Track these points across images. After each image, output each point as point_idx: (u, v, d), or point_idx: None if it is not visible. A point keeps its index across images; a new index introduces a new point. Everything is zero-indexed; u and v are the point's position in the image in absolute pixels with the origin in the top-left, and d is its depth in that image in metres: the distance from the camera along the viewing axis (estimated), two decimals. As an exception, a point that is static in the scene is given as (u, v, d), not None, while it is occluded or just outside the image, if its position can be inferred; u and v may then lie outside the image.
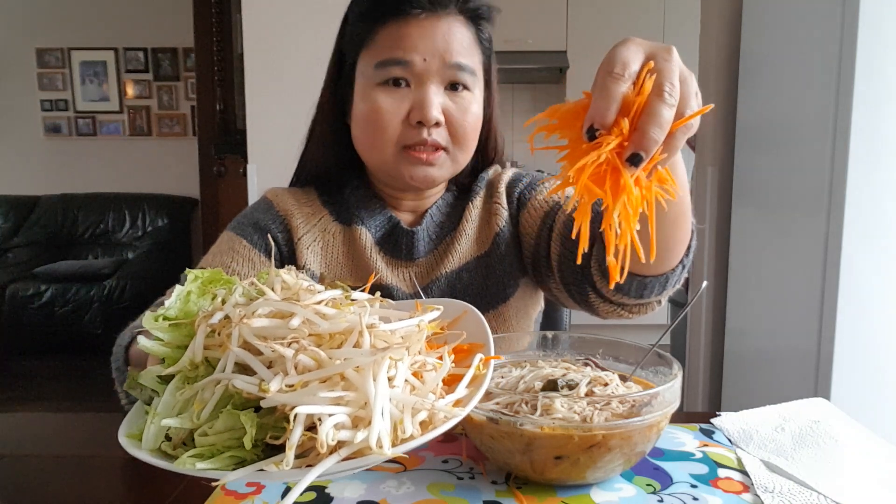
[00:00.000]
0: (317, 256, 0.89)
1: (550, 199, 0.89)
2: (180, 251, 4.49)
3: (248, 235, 0.88)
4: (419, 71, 0.80)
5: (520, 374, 0.63)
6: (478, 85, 0.86)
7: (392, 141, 0.82)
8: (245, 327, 0.43)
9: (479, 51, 0.86)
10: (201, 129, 4.28)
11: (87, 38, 4.59)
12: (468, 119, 0.83)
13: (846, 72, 1.56)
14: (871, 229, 1.58)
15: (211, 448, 0.41)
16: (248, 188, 2.20)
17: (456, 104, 0.82)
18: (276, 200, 0.93)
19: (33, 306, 3.80)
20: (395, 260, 0.91)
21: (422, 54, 0.80)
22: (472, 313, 0.57)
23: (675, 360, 0.62)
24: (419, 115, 0.80)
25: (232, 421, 0.41)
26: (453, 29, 0.82)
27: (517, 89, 4.64)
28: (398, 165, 0.83)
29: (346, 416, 0.40)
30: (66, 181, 4.61)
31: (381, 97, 0.81)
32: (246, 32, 2.13)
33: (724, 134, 2.22)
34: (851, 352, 1.60)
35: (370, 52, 0.83)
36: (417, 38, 0.80)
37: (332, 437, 0.39)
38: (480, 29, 0.86)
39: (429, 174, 0.84)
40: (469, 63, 0.83)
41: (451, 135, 0.83)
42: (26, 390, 3.40)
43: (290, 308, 0.45)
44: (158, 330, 0.47)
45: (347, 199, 0.93)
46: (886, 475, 0.58)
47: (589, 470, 0.55)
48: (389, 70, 0.80)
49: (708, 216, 2.26)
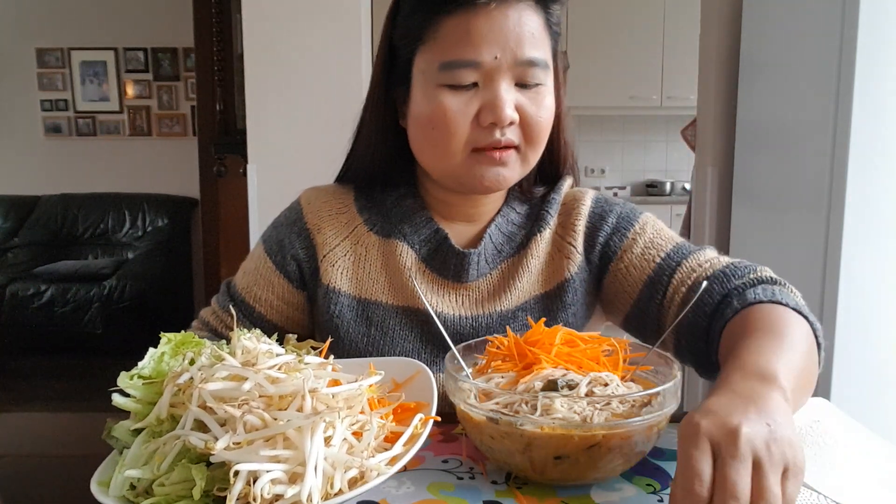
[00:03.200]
0: (346, 272, 0.84)
1: (652, 257, 0.80)
2: (180, 251, 4.49)
3: (273, 255, 0.86)
4: (489, 69, 0.72)
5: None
6: (550, 75, 0.77)
7: (461, 144, 0.74)
8: (203, 389, 0.49)
9: (549, 36, 0.77)
10: (201, 129, 4.28)
11: (87, 38, 4.59)
12: (543, 114, 0.75)
13: (846, 72, 1.56)
14: (871, 229, 1.58)
15: (167, 497, 0.46)
16: (248, 188, 2.20)
17: (530, 99, 0.74)
18: (307, 210, 0.87)
19: (33, 306, 3.80)
20: (441, 280, 0.83)
21: (492, 51, 0.71)
22: (425, 372, 0.62)
23: (675, 360, 0.62)
24: (492, 117, 0.72)
25: (185, 473, 0.46)
26: (524, 18, 0.73)
27: (517, 89, 4.65)
28: (469, 168, 0.76)
29: (282, 473, 0.45)
30: (66, 181, 4.61)
31: (448, 98, 0.73)
32: (246, 32, 2.13)
33: (724, 134, 2.22)
34: (851, 352, 1.60)
35: (432, 48, 0.74)
36: (487, 33, 0.71)
37: (268, 491, 0.44)
38: (550, 12, 0.77)
39: (500, 175, 0.76)
40: (541, 56, 0.74)
41: (524, 132, 0.75)
42: (26, 390, 3.40)
43: (243, 373, 0.51)
44: (132, 388, 0.52)
45: (389, 210, 0.85)
46: (886, 475, 0.58)
47: (589, 470, 0.55)
48: (458, 73, 0.72)
49: (708, 216, 2.26)
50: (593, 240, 0.84)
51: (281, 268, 0.86)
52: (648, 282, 0.79)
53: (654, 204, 4.05)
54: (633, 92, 4.25)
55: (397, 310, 0.82)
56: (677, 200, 4.00)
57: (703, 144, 2.30)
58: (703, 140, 2.31)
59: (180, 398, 0.50)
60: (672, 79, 4.20)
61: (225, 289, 0.91)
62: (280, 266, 0.86)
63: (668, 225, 0.87)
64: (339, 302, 0.83)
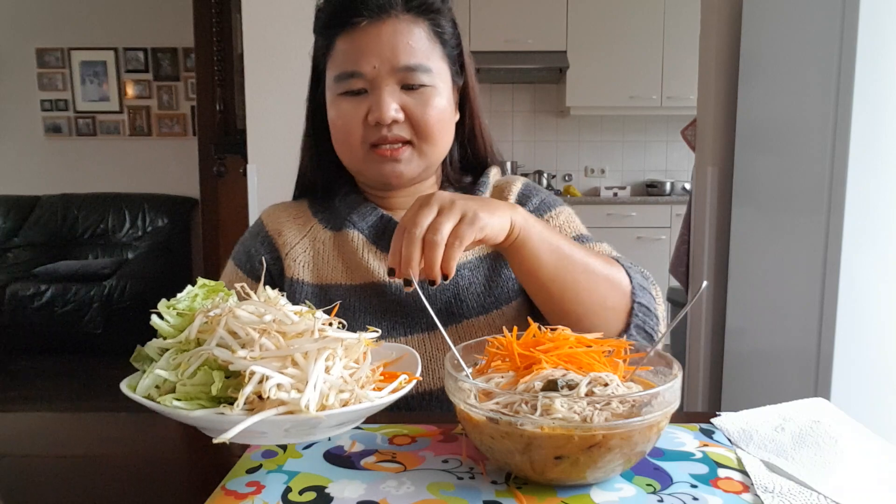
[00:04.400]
0: (307, 266, 0.92)
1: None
2: (180, 251, 4.50)
3: (243, 265, 0.96)
4: (371, 77, 0.83)
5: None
6: (441, 78, 0.87)
7: (358, 142, 0.86)
8: (230, 316, 0.56)
9: (438, 44, 0.87)
10: (201, 129, 4.28)
11: (87, 38, 4.59)
12: (429, 112, 0.85)
13: (846, 72, 1.56)
14: (870, 229, 1.58)
15: (186, 394, 0.53)
16: (248, 188, 2.20)
17: (415, 100, 0.85)
18: (267, 220, 0.98)
19: (33, 306, 3.80)
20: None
21: (370, 62, 0.83)
22: (412, 354, 0.69)
23: (675, 360, 0.62)
24: (375, 117, 0.83)
25: (206, 377, 0.53)
26: (399, 31, 0.84)
27: (517, 89, 4.64)
28: (369, 165, 0.87)
29: (288, 382, 0.52)
30: (66, 181, 4.62)
31: (343, 103, 0.86)
32: (246, 32, 2.13)
33: (724, 134, 2.22)
34: (851, 352, 1.60)
35: (331, 64, 0.87)
36: (365, 47, 0.83)
37: (274, 394, 0.51)
38: (435, 22, 0.87)
39: (396, 169, 0.86)
40: (421, 62, 0.84)
41: (414, 129, 0.85)
42: (26, 390, 3.40)
43: (266, 308, 0.58)
44: (168, 314, 0.60)
45: (338, 207, 0.95)
46: (886, 475, 0.58)
47: (589, 470, 0.55)
48: (347, 83, 0.85)
49: (708, 216, 2.26)
50: None
51: (251, 274, 0.94)
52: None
53: (654, 204, 4.04)
54: (633, 92, 4.25)
55: (355, 288, 0.90)
56: (677, 200, 3.99)
57: (703, 144, 2.30)
58: (703, 140, 2.31)
59: (208, 326, 0.57)
60: (672, 79, 4.19)
61: None
62: (250, 274, 0.95)
63: (668, 225, 0.90)
64: (303, 291, 0.91)
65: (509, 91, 4.65)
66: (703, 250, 2.28)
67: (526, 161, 4.68)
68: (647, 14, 4.18)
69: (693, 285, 2.37)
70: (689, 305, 0.70)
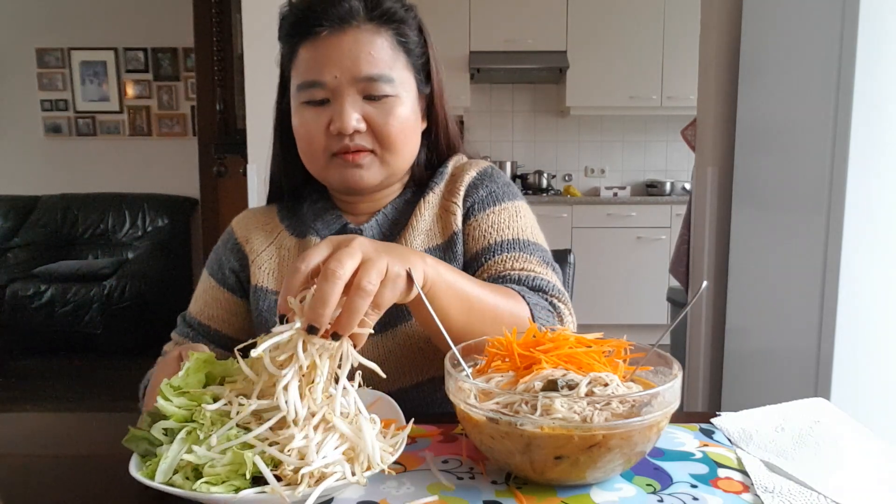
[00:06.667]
0: (272, 273, 0.93)
1: (489, 236, 0.89)
2: (180, 251, 4.49)
3: (215, 273, 0.97)
4: (333, 87, 0.83)
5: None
6: (405, 87, 0.86)
7: (320, 151, 0.85)
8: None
9: (402, 53, 0.86)
10: (201, 129, 4.28)
11: (87, 38, 4.59)
12: (391, 122, 0.84)
13: (846, 72, 1.56)
14: (871, 229, 1.57)
15: (217, 477, 0.53)
16: (248, 188, 2.20)
17: (377, 110, 0.84)
18: (236, 227, 0.99)
19: (33, 306, 3.80)
20: None
21: (331, 72, 0.82)
22: (385, 399, 0.70)
23: (675, 360, 0.62)
24: (336, 127, 0.83)
25: (236, 457, 0.53)
26: (360, 41, 0.83)
27: (517, 89, 4.64)
28: (331, 171, 0.87)
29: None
30: (66, 181, 4.61)
31: (306, 113, 0.85)
32: (246, 32, 2.13)
33: (724, 134, 2.22)
34: (851, 352, 1.60)
35: (294, 73, 0.87)
36: (325, 57, 0.83)
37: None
38: (399, 31, 0.86)
39: (358, 174, 0.86)
40: (383, 72, 0.83)
41: (376, 139, 0.85)
42: (26, 390, 3.40)
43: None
44: (173, 396, 0.59)
45: (305, 213, 0.96)
46: (886, 475, 0.58)
47: (589, 470, 0.55)
48: (308, 92, 0.84)
49: (708, 216, 2.26)
50: (465, 201, 0.93)
51: (223, 283, 0.96)
52: (474, 255, 0.90)
53: (654, 204, 4.04)
54: (633, 92, 4.25)
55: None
56: (677, 200, 3.99)
57: (703, 144, 2.30)
58: (703, 140, 2.31)
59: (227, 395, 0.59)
60: (672, 79, 4.19)
61: (181, 320, 0.99)
62: (222, 282, 0.96)
63: (668, 225, 0.89)
64: (267, 298, 0.92)
65: (509, 91, 4.65)
66: (703, 250, 2.28)
67: (526, 161, 4.68)
68: (647, 14, 4.19)
69: (693, 285, 2.37)
70: (689, 305, 0.70)
